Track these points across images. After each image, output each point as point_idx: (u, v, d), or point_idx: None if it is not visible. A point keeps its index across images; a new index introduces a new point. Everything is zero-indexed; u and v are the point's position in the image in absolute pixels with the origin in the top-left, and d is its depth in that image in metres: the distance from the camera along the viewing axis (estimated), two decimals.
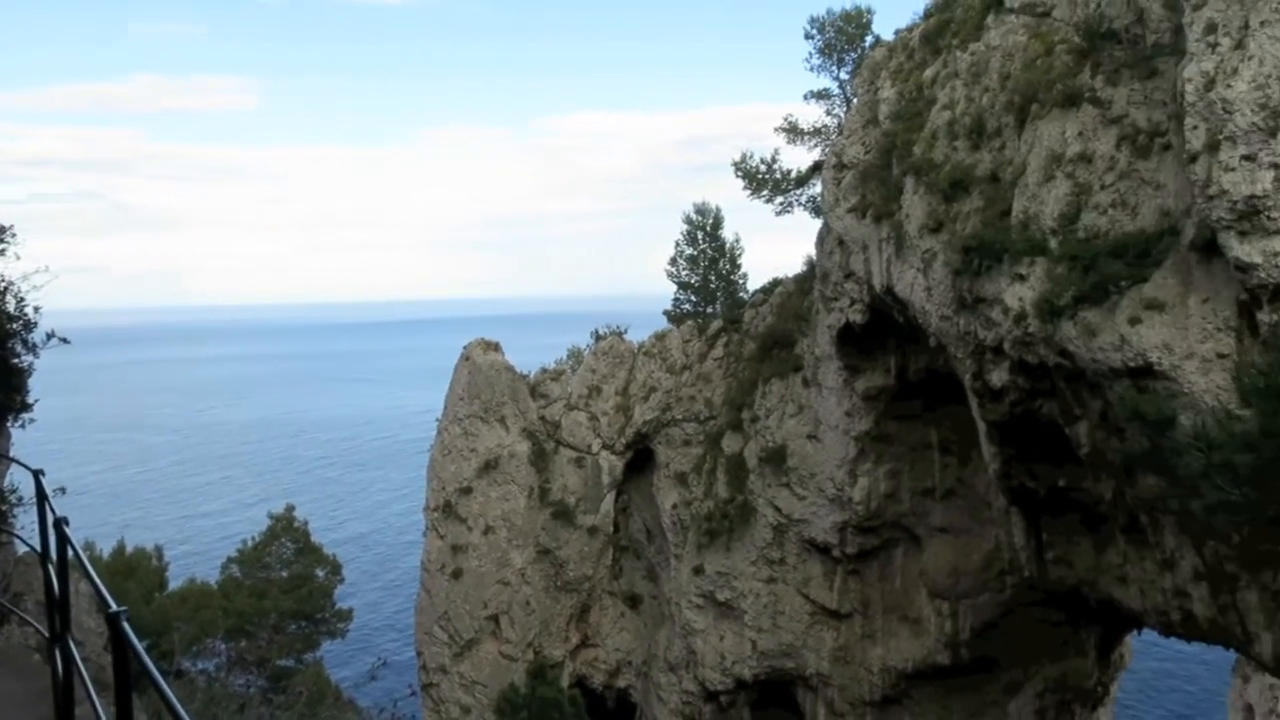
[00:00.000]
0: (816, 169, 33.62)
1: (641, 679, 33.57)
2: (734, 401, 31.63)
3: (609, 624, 34.16)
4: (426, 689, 33.48)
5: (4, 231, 12.00)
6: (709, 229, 38.42)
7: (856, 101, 27.89)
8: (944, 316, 20.78)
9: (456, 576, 32.99)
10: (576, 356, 37.53)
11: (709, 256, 38.21)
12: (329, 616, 36.24)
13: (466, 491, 33.59)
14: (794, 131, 35.51)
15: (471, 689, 32.41)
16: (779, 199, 36.52)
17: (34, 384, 12.47)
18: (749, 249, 38.71)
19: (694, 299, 38.28)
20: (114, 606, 4.20)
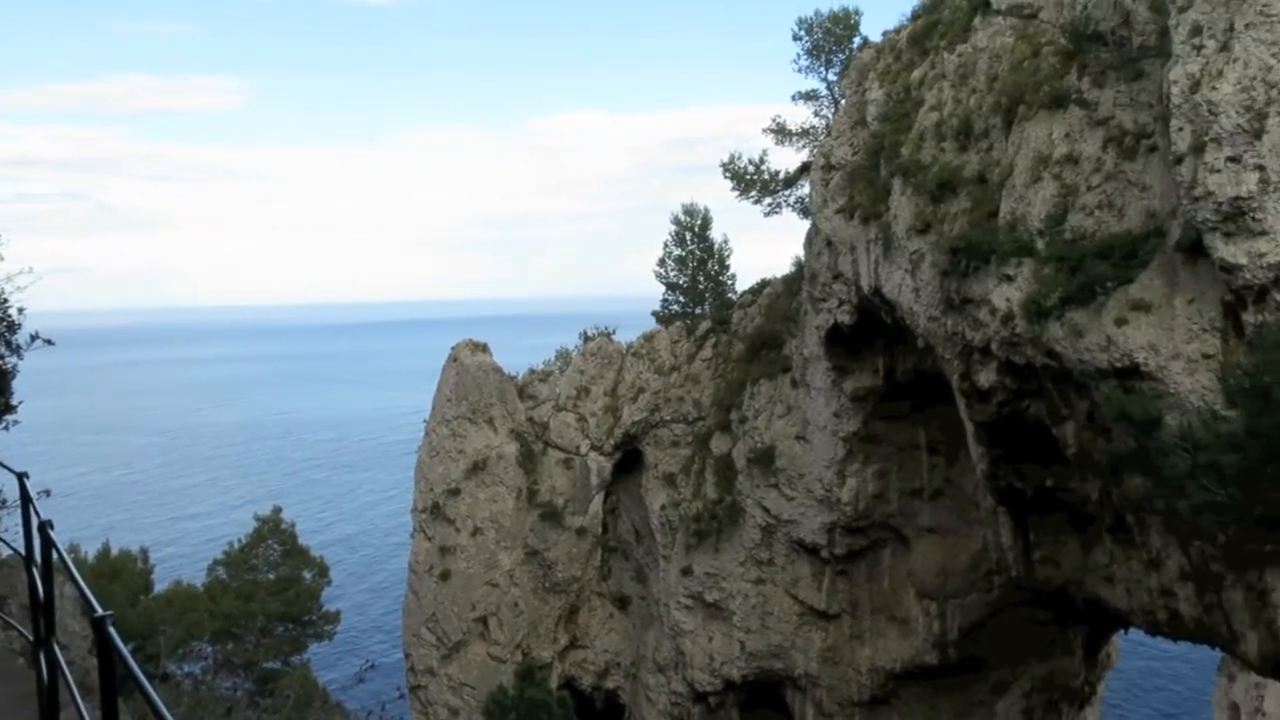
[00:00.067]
0: (805, 170, 33.67)
1: (630, 680, 33.54)
2: (722, 402, 31.65)
3: (597, 625, 34.12)
4: (414, 691, 33.36)
5: None
6: (697, 230, 38.44)
7: (844, 103, 27.95)
8: (932, 317, 20.84)
9: (444, 578, 32.90)
10: (565, 357, 37.47)
11: (697, 257, 38.23)
12: (316, 619, 36.05)
13: (454, 493, 33.50)
14: (782, 132, 35.58)
15: (460, 691, 32.32)
16: (767, 200, 36.59)
17: (18, 386, 12.37)
18: (737, 250, 38.77)
19: (682, 300, 38.29)
20: (100, 610, 4.16)
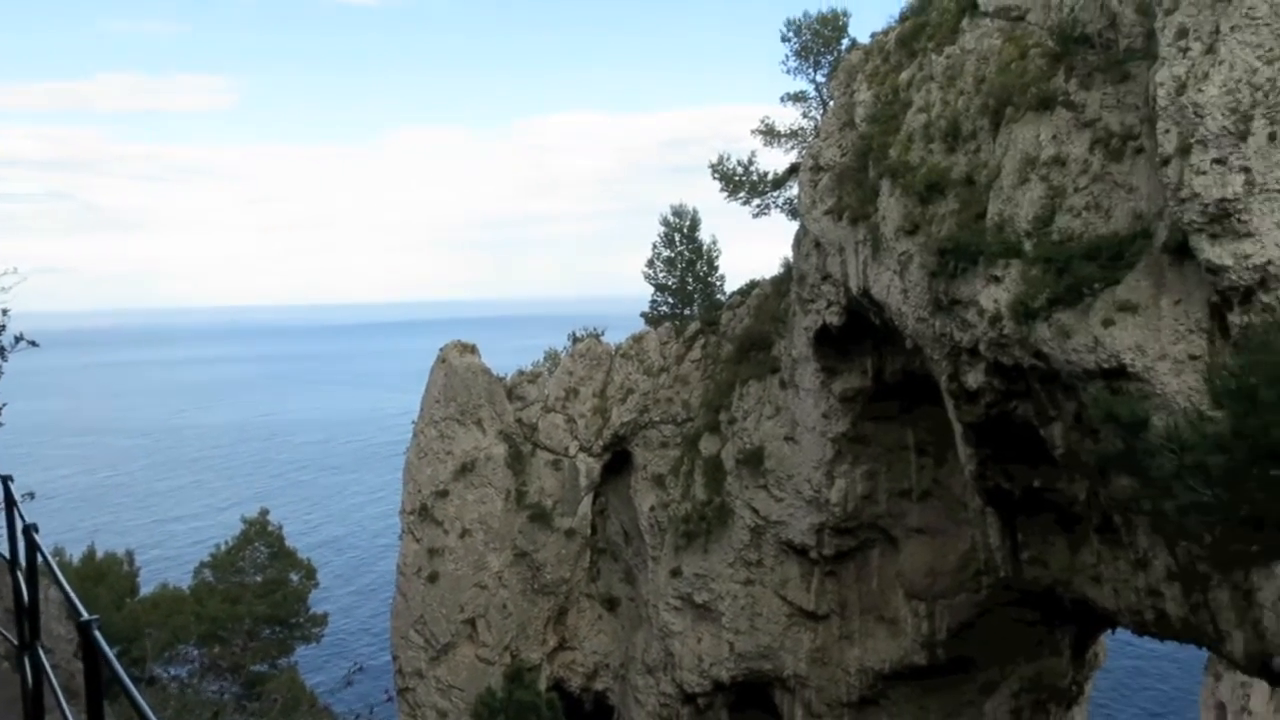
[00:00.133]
0: (793, 171, 33.72)
1: (619, 681, 33.51)
2: (711, 403, 31.65)
3: (586, 627, 34.08)
4: (403, 693, 33.25)
5: None
6: (686, 231, 38.46)
7: (833, 104, 28.00)
8: (920, 318, 20.89)
9: (433, 580, 32.80)
10: (554, 358, 37.41)
11: (686, 258, 38.25)
12: (303, 621, 35.87)
13: (443, 494, 33.41)
14: (771, 134, 35.62)
15: (448, 693, 32.22)
16: (756, 201, 36.63)
17: (2, 388, 12.26)
18: (726, 251, 38.82)
19: (671, 301, 38.30)
20: (85, 614, 4.12)
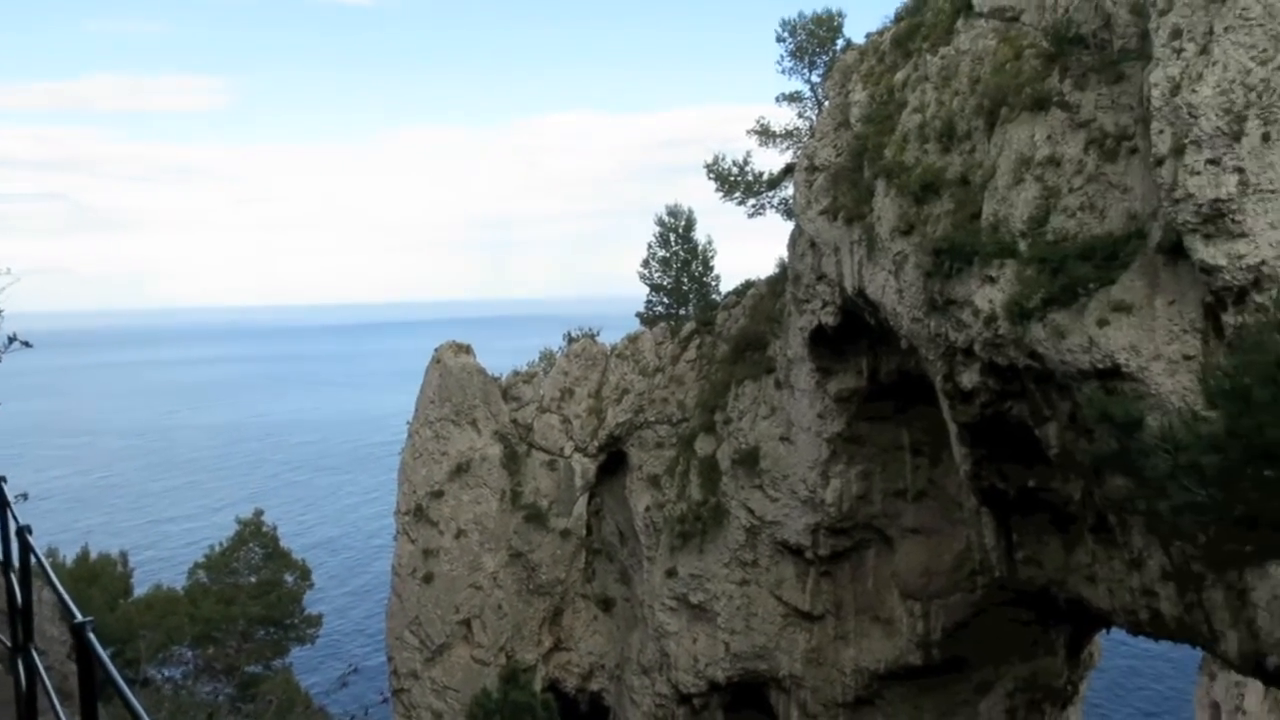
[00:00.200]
0: (788, 171, 33.74)
1: (614, 682, 33.49)
2: (706, 403, 31.66)
3: (582, 627, 34.06)
4: (397, 694, 33.21)
5: None
6: (681, 231, 38.46)
7: (828, 104, 28.03)
8: (915, 318, 20.91)
9: (428, 581, 32.76)
10: (549, 359, 37.38)
11: (681, 258, 38.26)
12: (298, 622, 35.75)
13: (438, 495, 33.37)
14: (766, 134, 35.64)
15: (443, 694, 32.18)
16: (751, 201, 36.65)
17: None
18: (721, 251, 38.83)
19: (666, 301, 38.30)
20: (79, 617, 4.11)
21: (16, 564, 6.36)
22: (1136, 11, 17.33)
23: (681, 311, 37.43)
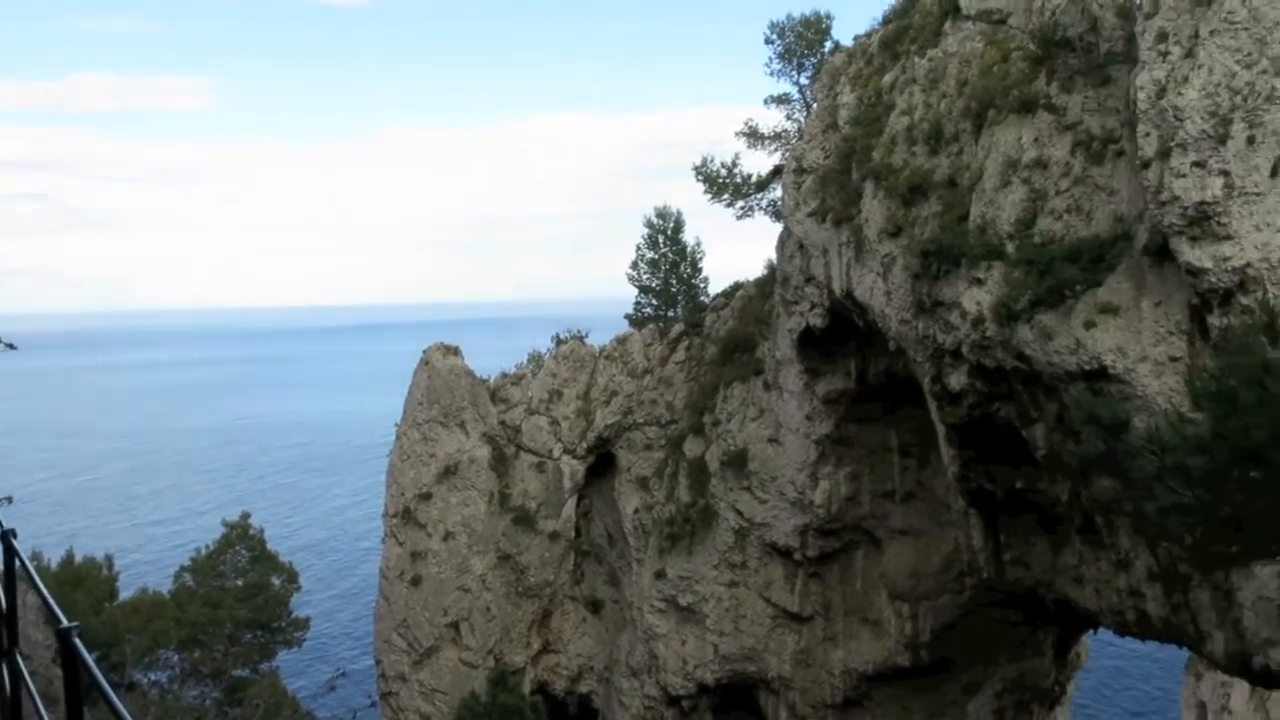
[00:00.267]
0: (777, 173, 33.79)
1: (603, 684, 33.45)
2: (695, 405, 31.66)
3: (570, 629, 34.00)
4: (385, 698, 33.09)
5: None
6: (670, 232, 38.47)
7: (816, 106, 28.08)
8: (903, 320, 20.97)
9: (416, 583, 32.66)
10: (537, 360, 37.33)
11: (670, 260, 38.27)
12: (285, 626, 35.56)
13: (426, 497, 33.28)
14: (754, 136, 35.67)
15: (431, 697, 32.08)
16: (740, 203, 36.68)
17: None
18: (710, 253, 38.88)
19: (655, 302, 38.29)
20: (65, 622, 4.07)
21: (1, 568, 6.31)
22: (1123, 15, 17.43)
23: (670, 313, 37.43)
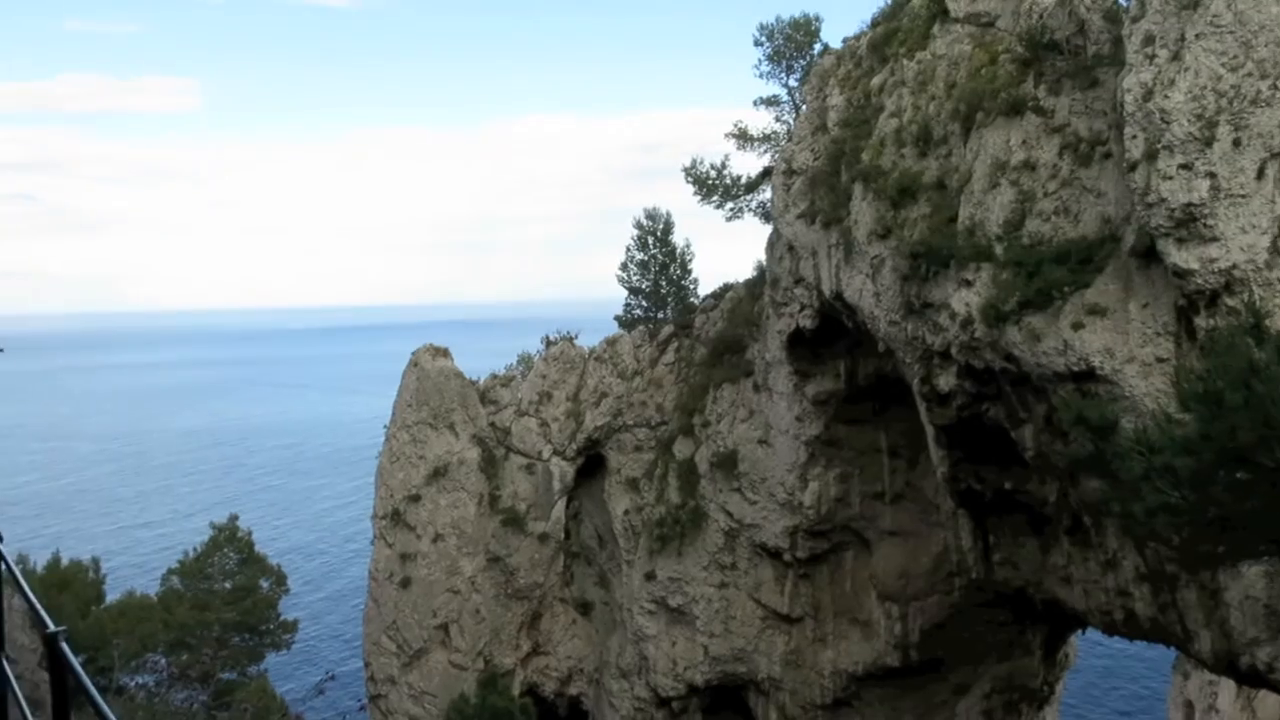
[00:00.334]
0: (766, 175, 33.84)
1: (593, 686, 33.41)
2: (685, 407, 31.67)
3: (560, 631, 33.95)
4: (375, 700, 32.97)
5: None
6: (660, 234, 38.47)
7: (805, 108, 28.14)
8: (892, 321, 21.02)
9: (405, 585, 32.55)
10: (527, 362, 37.27)
11: (660, 261, 38.26)
12: (273, 628, 35.44)
13: (415, 499, 33.17)
14: (744, 137, 35.72)
15: (421, 699, 31.98)
16: (729, 204, 36.72)
17: None
18: (700, 254, 38.88)
19: (645, 304, 38.28)
20: (51, 626, 4.04)
21: None
22: (1110, 18, 17.53)
23: (660, 315, 37.43)
